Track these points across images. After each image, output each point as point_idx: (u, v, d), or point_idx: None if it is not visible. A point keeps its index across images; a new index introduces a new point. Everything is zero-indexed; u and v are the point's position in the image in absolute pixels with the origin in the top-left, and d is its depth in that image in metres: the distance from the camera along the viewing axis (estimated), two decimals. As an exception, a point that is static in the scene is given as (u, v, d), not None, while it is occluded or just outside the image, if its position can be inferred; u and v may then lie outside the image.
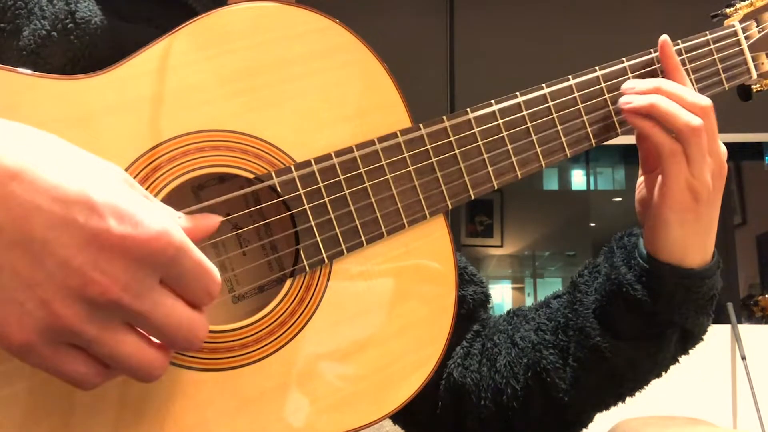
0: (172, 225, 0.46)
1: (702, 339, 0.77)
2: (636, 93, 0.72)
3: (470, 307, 0.85)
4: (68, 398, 0.52)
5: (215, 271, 0.49)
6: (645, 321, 0.73)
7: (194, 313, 0.48)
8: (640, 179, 0.79)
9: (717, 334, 3.49)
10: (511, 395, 0.78)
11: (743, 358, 3.35)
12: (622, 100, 0.73)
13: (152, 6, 0.69)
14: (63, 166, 0.44)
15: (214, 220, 0.54)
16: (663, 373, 0.78)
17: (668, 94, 0.71)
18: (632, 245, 0.76)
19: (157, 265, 0.45)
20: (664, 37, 0.76)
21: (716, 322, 3.44)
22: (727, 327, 3.49)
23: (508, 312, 0.86)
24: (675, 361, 0.78)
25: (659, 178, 0.72)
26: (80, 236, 0.43)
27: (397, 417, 0.83)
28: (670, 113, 0.70)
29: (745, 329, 3.53)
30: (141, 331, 0.47)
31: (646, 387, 0.78)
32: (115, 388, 0.54)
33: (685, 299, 0.72)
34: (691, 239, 0.72)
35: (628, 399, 0.79)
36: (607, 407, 0.79)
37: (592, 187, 6.60)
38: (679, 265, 0.72)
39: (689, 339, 0.76)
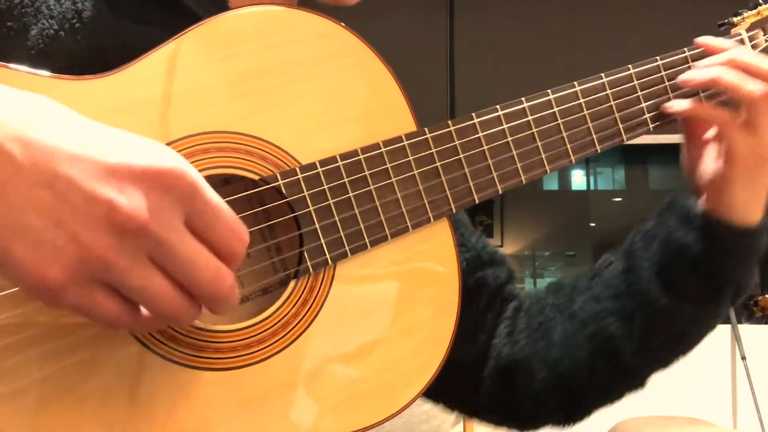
0: (188, 164, 0.47)
1: (748, 293, 0.81)
2: (700, 68, 0.76)
3: (493, 288, 0.86)
4: (75, 394, 0.52)
5: (235, 215, 0.49)
6: (706, 280, 0.76)
7: (220, 262, 0.48)
8: (683, 145, 0.81)
9: (717, 334, 3.47)
10: (572, 366, 0.80)
11: (743, 358, 3.35)
12: (680, 78, 0.76)
13: (156, 9, 0.70)
14: (73, 116, 0.47)
15: None
16: (714, 328, 0.82)
17: (737, 65, 0.74)
18: (686, 206, 0.78)
19: (178, 197, 0.46)
20: (701, 40, 0.78)
21: (716, 322, 3.44)
22: (727, 327, 3.49)
23: (548, 286, 0.88)
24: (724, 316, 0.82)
25: (721, 144, 0.75)
26: (103, 170, 0.44)
27: (433, 395, 0.85)
28: (732, 85, 0.73)
29: (745, 329, 3.53)
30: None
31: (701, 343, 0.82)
32: (123, 387, 0.54)
33: (744, 256, 0.76)
34: (752, 199, 0.75)
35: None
36: (667, 366, 0.82)
37: (592, 187, 6.60)
38: (740, 225, 0.75)
39: (739, 294, 0.79)
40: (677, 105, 0.76)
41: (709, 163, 0.77)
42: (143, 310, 0.48)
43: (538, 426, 0.85)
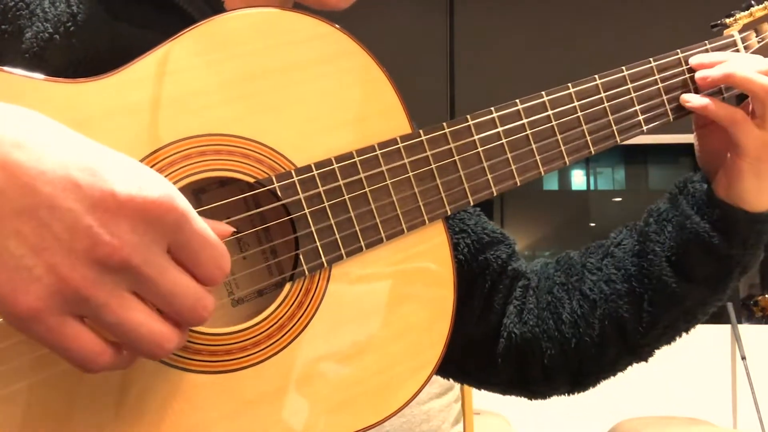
0: (176, 192, 0.46)
1: (752, 270, 0.83)
2: (711, 68, 0.78)
3: (496, 269, 0.87)
4: (67, 399, 0.52)
5: (222, 245, 0.48)
6: (718, 264, 0.79)
7: (200, 287, 0.48)
8: (695, 133, 0.83)
9: (717, 334, 3.48)
10: (582, 345, 0.83)
11: (743, 358, 3.35)
12: (697, 75, 0.79)
13: (150, 11, 0.70)
14: (63, 135, 0.45)
15: (225, 228, 0.55)
16: (718, 306, 0.84)
17: (741, 65, 0.77)
18: (699, 192, 0.80)
19: (163, 229, 0.45)
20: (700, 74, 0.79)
21: (716, 322, 3.44)
22: (727, 327, 3.49)
23: (558, 261, 0.90)
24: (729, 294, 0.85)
25: (732, 136, 0.77)
26: (86, 200, 0.43)
27: (447, 371, 0.89)
28: (746, 79, 0.76)
29: (745, 329, 3.53)
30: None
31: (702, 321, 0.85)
32: (115, 389, 0.54)
33: (756, 241, 0.78)
34: (763, 188, 0.78)
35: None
36: (671, 342, 0.85)
37: (592, 187, 6.59)
38: (753, 211, 0.77)
39: (744, 273, 0.82)
40: (694, 100, 0.79)
41: (721, 153, 0.79)
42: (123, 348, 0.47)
43: (546, 396, 0.89)
